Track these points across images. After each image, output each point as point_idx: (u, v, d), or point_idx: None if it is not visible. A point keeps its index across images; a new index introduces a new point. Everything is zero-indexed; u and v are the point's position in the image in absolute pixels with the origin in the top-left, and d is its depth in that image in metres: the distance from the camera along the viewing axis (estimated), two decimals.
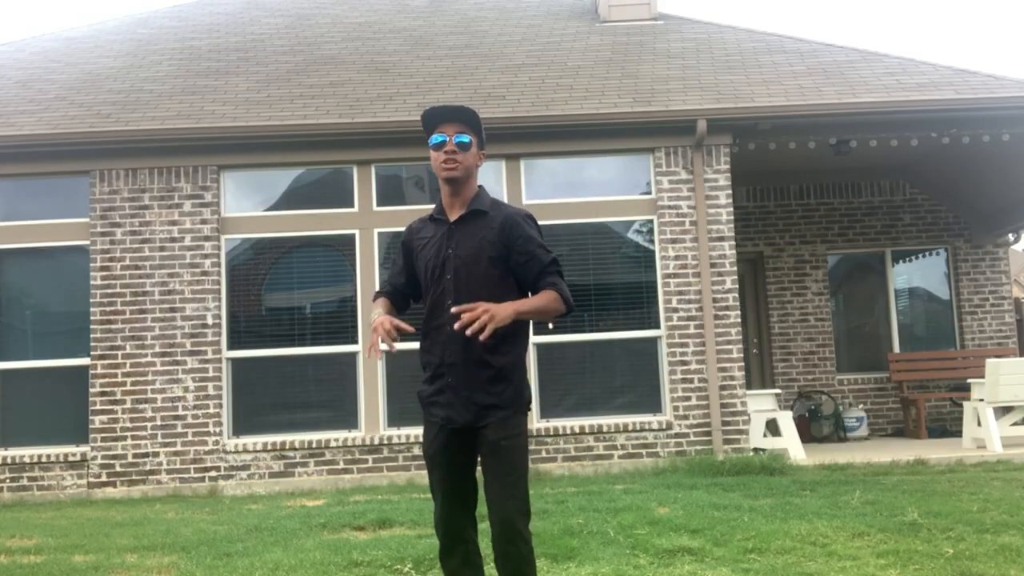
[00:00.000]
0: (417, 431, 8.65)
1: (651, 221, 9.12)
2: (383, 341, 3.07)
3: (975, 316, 11.63)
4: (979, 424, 8.99)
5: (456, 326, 2.91)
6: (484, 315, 2.87)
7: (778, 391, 10.29)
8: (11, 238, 8.99)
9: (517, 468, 3.06)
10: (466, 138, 3.14)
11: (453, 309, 2.94)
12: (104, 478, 8.59)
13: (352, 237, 9.04)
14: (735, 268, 9.02)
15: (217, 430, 8.68)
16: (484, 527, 3.12)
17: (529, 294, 3.17)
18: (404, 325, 3.10)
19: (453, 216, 3.20)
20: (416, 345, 3.31)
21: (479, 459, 3.13)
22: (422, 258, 3.23)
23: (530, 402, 3.20)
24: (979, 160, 10.54)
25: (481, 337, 2.87)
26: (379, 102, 9.40)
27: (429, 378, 3.20)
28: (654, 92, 9.41)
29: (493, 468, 3.05)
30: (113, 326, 8.76)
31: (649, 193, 9.16)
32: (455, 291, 3.10)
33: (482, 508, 3.12)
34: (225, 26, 12.39)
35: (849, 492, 6.41)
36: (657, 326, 8.96)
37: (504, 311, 2.92)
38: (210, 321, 8.79)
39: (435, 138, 3.15)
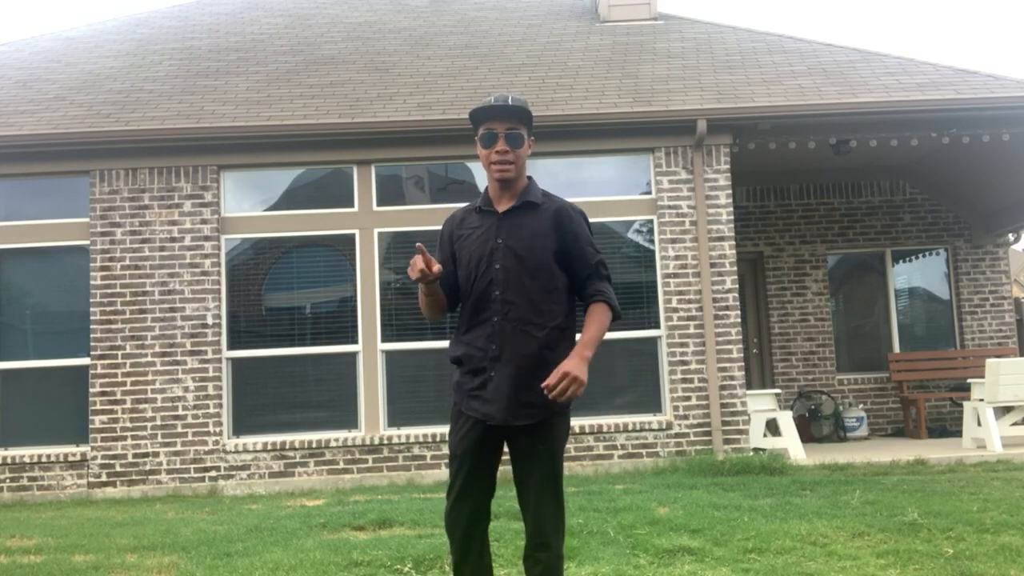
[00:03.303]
0: (417, 431, 8.65)
1: (651, 221, 9.12)
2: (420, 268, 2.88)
3: (975, 316, 11.63)
4: (979, 424, 8.99)
5: (550, 396, 2.86)
6: (572, 385, 2.84)
7: (778, 391, 10.29)
8: (11, 238, 8.99)
9: (554, 474, 2.97)
10: (518, 134, 3.03)
11: (544, 384, 2.85)
12: (104, 478, 8.59)
13: (352, 237, 9.05)
14: (735, 268, 9.02)
15: (217, 430, 8.68)
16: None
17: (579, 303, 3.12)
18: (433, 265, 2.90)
19: (502, 208, 3.08)
20: (416, 346, 3.27)
21: (513, 461, 3.04)
22: (465, 249, 3.08)
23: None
24: (979, 160, 10.54)
25: (565, 397, 2.84)
26: (379, 102, 9.40)
27: (471, 371, 3.04)
28: (654, 92, 9.41)
29: (530, 473, 2.97)
30: (113, 326, 8.76)
31: (649, 193, 9.17)
32: (504, 282, 2.98)
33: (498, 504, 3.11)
34: (225, 26, 12.39)
35: (849, 492, 6.41)
36: (657, 326, 8.96)
37: (582, 367, 2.86)
38: (210, 321, 8.79)
39: (485, 135, 3.04)
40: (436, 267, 2.90)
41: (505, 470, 3.10)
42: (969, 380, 9.74)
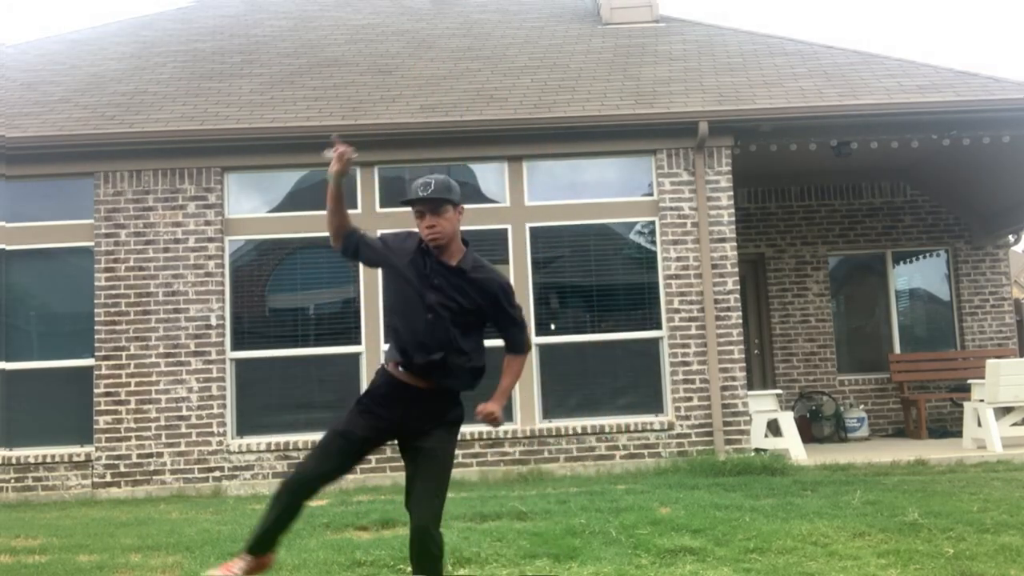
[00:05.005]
0: None
1: (653, 222, 9.15)
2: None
3: (975, 317, 11.65)
4: (979, 424, 9.02)
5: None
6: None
7: (779, 392, 10.32)
8: (17, 239, 9.02)
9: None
10: (440, 208, 3.60)
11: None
12: (108, 478, 8.63)
13: None
14: (736, 269, 9.05)
15: (221, 430, 8.71)
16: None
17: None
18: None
19: (441, 258, 3.58)
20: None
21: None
22: (404, 270, 3.60)
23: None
24: (979, 162, 10.55)
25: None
26: (382, 104, 9.44)
27: None
28: (656, 94, 9.45)
29: None
30: (117, 327, 8.80)
31: (651, 195, 9.20)
32: (432, 324, 3.50)
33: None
34: (229, 29, 12.43)
35: (850, 492, 6.44)
36: (659, 327, 8.99)
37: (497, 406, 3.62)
38: (214, 322, 8.83)
39: (415, 212, 3.61)
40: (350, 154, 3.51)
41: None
42: (969, 381, 9.76)
